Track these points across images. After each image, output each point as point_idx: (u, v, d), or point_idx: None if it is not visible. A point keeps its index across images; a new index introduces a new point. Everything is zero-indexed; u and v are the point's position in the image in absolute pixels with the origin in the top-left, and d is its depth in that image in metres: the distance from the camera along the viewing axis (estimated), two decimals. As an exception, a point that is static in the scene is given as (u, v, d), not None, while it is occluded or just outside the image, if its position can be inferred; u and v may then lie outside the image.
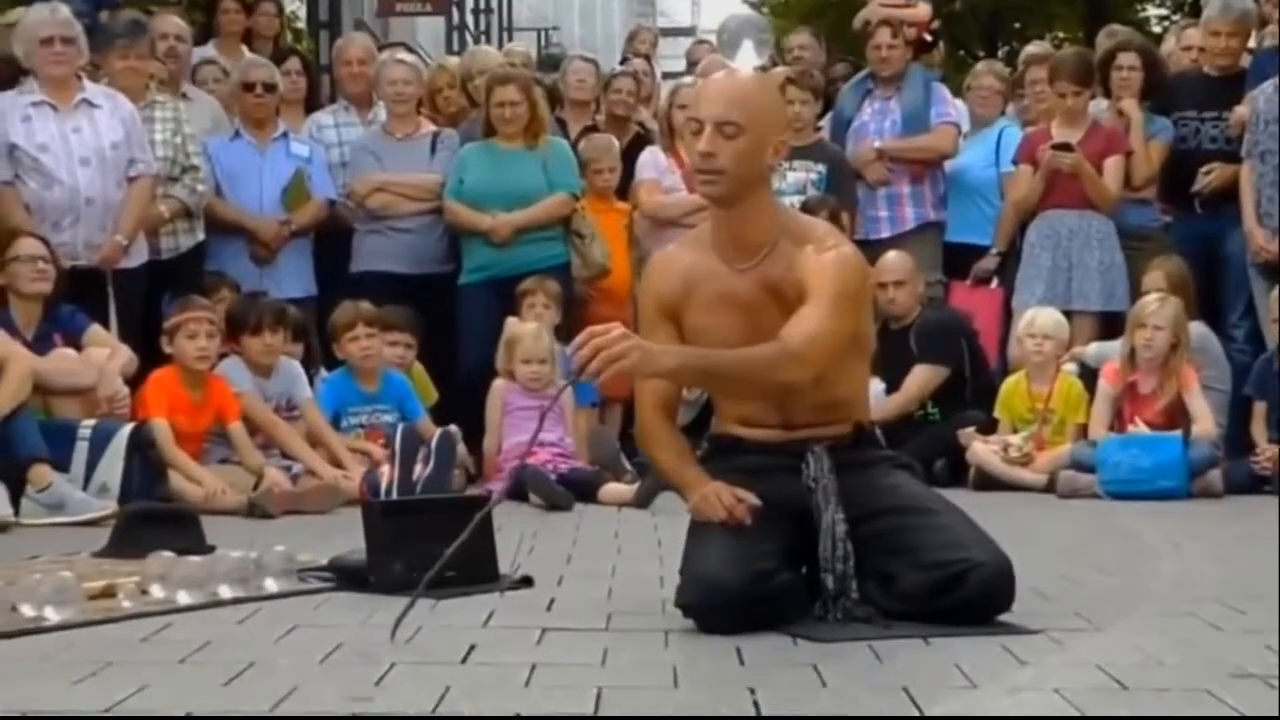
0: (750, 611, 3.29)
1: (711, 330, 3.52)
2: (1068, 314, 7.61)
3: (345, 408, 7.01)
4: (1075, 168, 7.74)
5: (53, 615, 3.41)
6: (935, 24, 9.29)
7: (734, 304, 3.52)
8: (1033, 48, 9.93)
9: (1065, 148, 7.78)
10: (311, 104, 8.51)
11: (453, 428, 6.82)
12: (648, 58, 10.11)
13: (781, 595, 3.35)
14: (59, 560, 4.37)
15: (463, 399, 7.36)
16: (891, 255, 7.61)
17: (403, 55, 8.45)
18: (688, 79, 9.01)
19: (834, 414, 3.58)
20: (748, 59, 3.12)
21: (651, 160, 8.22)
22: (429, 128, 8.00)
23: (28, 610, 3.41)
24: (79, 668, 2.92)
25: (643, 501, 6.31)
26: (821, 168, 8.06)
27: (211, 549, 4.35)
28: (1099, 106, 8.16)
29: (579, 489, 6.55)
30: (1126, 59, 8.16)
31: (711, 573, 3.32)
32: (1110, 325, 7.64)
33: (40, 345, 6.21)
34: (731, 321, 3.51)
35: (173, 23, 8.12)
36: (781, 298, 3.48)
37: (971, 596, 3.34)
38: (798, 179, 8.00)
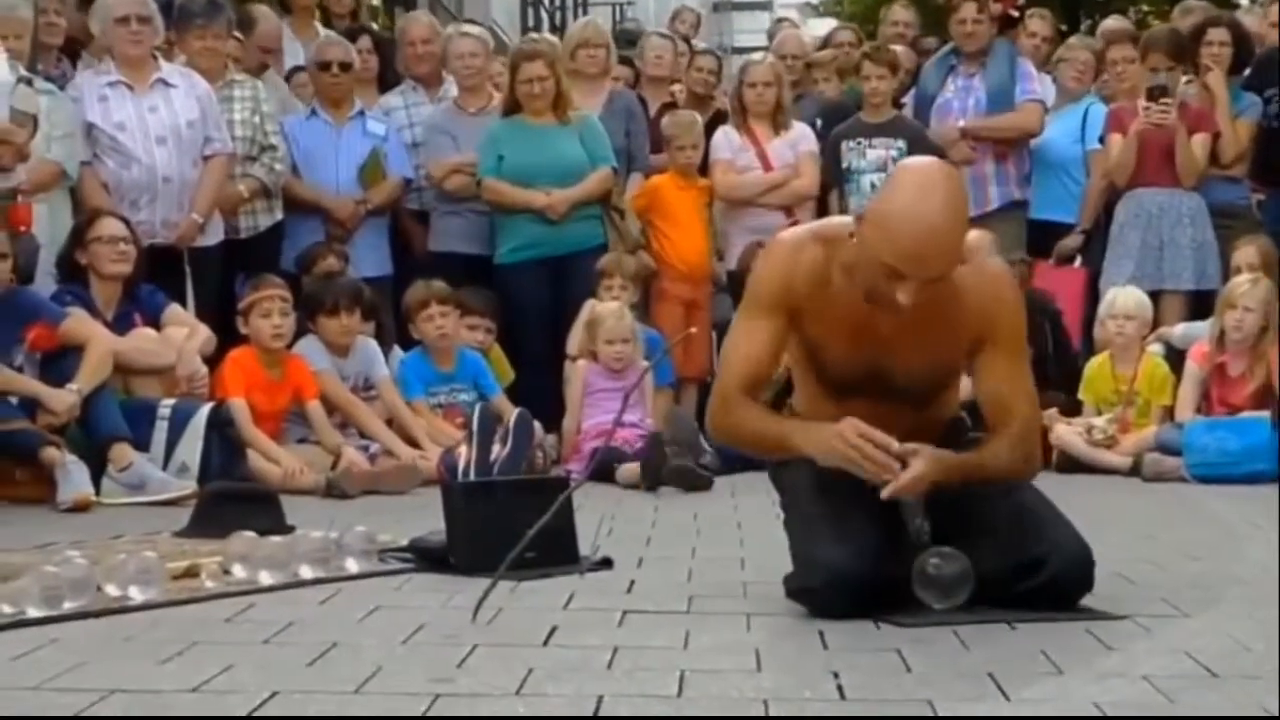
0: (871, 598, 3.25)
1: (828, 348, 3.47)
2: (1157, 293, 7.50)
3: (424, 387, 7.01)
4: (1168, 120, 7.59)
5: (137, 595, 3.44)
6: (1021, -1, 9.17)
7: (870, 338, 3.43)
8: (1111, 23, 9.74)
9: (1162, 90, 7.63)
10: (386, 81, 8.47)
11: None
12: (688, 39, 10.03)
13: (893, 584, 3.30)
14: (142, 540, 4.41)
15: (530, 378, 7.35)
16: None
17: (468, 28, 8.44)
18: (757, 55, 8.93)
19: (933, 426, 3.54)
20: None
21: (725, 140, 8.12)
22: (500, 101, 7.95)
23: (112, 590, 3.44)
24: (165, 647, 2.94)
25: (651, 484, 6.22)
26: (901, 143, 7.88)
27: (292, 529, 4.38)
28: (1185, 87, 8.02)
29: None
30: (1217, 34, 8.01)
31: (839, 559, 3.26)
32: (1200, 304, 7.52)
33: (120, 325, 6.25)
34: (860, 351, 3.44)
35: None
36: (930, 325, 3.40)
37: (1049, 582, 3.30)
38: (877, 156, 7.88)
